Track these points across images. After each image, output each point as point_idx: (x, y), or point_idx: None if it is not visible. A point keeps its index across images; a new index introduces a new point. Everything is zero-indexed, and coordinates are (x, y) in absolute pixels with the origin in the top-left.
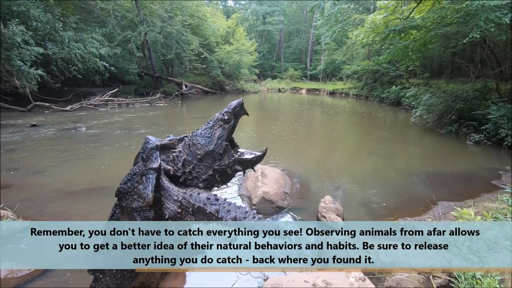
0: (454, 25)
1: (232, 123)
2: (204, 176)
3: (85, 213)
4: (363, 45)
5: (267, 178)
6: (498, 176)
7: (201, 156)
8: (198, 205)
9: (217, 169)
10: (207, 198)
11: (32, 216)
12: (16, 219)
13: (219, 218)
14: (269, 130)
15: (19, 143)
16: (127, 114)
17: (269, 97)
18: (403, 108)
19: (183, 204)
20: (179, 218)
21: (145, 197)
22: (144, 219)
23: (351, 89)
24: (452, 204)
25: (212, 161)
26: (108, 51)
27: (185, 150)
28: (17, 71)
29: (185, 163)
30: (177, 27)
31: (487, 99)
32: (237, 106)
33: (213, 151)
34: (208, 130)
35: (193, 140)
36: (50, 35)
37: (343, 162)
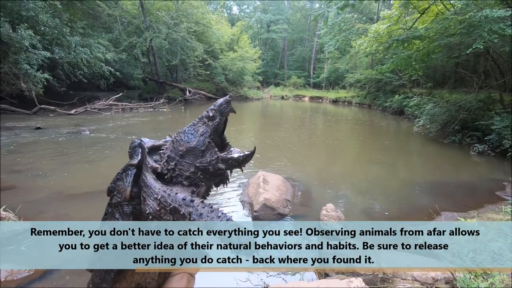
0: (457, 35)
1: (217, 120)
2: (187, 173)
3: (86, 216)
4: (367, 54)
5: (269, 184)
6: (502, 187)
7: (182, 152)
8: (174, 205)
9: (198, 166)
10: (183, 199)
11: (33, 218)
12: (17, 220)
13: (191, 221)
14: (272, 137)
15: (23, 145)
16: (130, 119)
17: (272, 104)
18: (406, 117)
19: (162, 203)
20: (159, 216)
21: (122, 192)
22: (122, 214)
23: (354, 97)
24: (455, 214)
25: (194, 158)
26: (114, 56)
27: (170, 147)
28: (24, 75)
29: (168, 160)
30: (182, 34)
31: (491, 109)
32: (223, 103)
33: (195, 148)
34: (192, 127)
35: (177, 137)
36: (57, 40)
37: (345, 170)
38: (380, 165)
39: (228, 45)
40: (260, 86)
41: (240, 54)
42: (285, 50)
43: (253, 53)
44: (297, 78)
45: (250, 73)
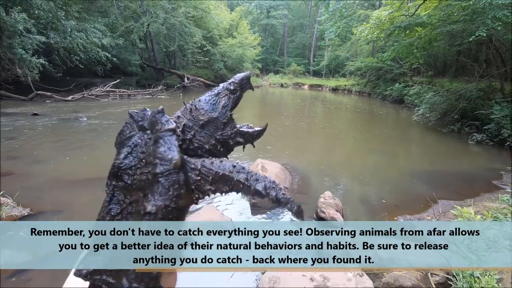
0: (460, 23)
1: (238, 94)
2: (207, 146)
3: (85, 202)
4: (368, 41)
5: (267, 172)
6: (499, 177)
7: (203, 122)
8: (223, 173)
9: (219, 138)
10: (233, 166)
11: (32, 204)
12: (16, 206)
13: (248, 186)
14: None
15: (20, 131)
16: (128, 106)
17: (271, 92)
18: (405, 106)
19: (202, 172)
20: (198, 186)
21: (171, 159)
22: (173, 183)
23: (353, 85)
24: (452, 202)
25: (215, 130)
26: (111, 41)
27: (185, 115)
28: (19, 60)
29: (185, 129)
30: (180, 19)
31: (491, 99)
32: (244, 78)
33: (217, 119)
34: (213, 97)
35: (196, 105)
36: (52, 24)
37: (343, 158)
38: (378, 153)
39: (227, 31)
40: (259, 74)
41: (240, 41)
42: (285, 36)
43: (252, 39)
44: (296, 66)
45: (250, 60)
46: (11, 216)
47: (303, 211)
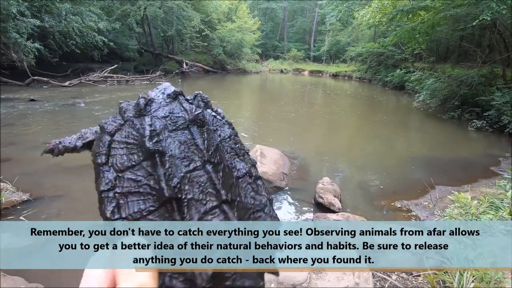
0: (464, 6)
1: None
2: None
3: (83, 187)
4: (369, 26)
5: (266, 158)
6: (497, 163)
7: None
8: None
9: None
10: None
11: (31, 189)
12: (15, 191)
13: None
14: (270, 111)
15: (18, 117)
16: (126, 91)
17: (271, 78)
18: (406, 92)
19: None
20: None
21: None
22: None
23: (354, 71)
24: (449, 188)
25: None
26: (107, 25)
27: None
28: (13, 44)
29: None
30: (178, 2)
31: (492, 85)
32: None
33: None
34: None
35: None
36: (46, 7)
37: (342, 145)
38: (377, 140)
39: (226, 15)
40: (259, 59)
41: (239, 25)
42: (285, 21)
43: (252, 23)
44: (297, 51)
45: (249, 45)
46: (10, 201)
47: None
